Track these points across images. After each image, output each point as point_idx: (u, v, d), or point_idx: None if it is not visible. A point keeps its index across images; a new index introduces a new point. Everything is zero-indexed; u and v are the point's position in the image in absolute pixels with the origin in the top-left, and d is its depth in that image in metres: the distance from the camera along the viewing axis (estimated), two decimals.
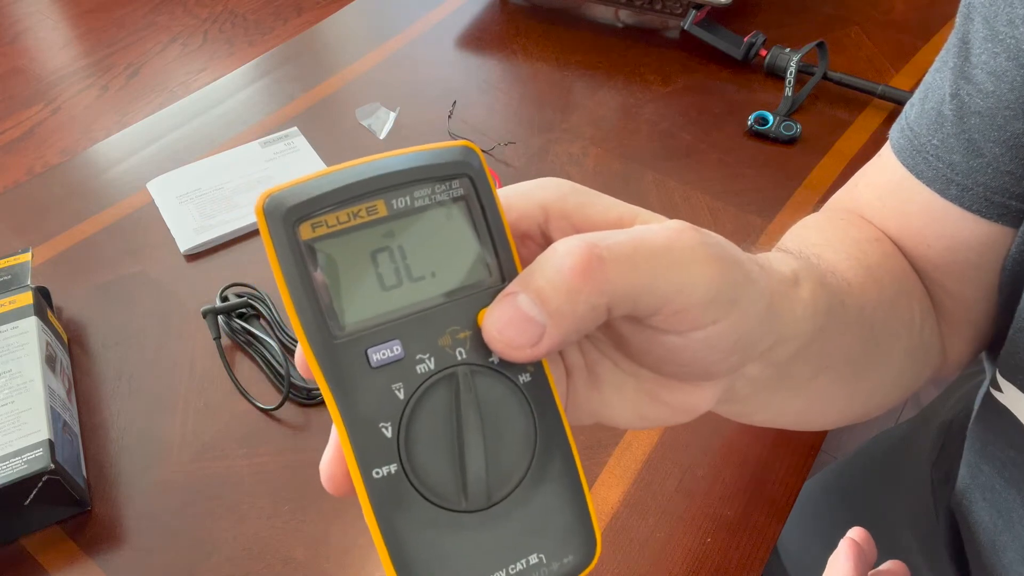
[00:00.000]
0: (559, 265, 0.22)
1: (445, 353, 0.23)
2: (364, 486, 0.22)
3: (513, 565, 0.23)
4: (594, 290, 0.22)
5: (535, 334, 0.22)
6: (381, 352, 0.23)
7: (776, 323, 0.27)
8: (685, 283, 0.23)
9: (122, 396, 0.62)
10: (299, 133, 0.83)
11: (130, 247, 0.73)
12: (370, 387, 0.22)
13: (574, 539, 0.24)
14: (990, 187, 0.39)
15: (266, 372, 0.63)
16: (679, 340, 0.25)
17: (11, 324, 0.59)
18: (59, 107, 1.79)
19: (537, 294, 0.22)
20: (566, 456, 0.24)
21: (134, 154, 0.83)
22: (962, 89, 0.39)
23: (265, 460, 0.58)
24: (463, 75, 0.92)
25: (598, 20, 0.99)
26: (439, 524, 0.23)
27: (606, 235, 0.23)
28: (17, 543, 0.54)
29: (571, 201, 0.26)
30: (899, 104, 0.84)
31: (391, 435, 0.22)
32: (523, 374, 0.24)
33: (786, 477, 0.57)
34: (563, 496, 0.24)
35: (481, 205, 0.24)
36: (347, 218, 0.22)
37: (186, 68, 1.88)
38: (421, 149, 0.24)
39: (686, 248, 0.23)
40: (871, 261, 0.40)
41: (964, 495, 0.49)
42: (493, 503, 0.23)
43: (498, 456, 0.23)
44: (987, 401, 0.42)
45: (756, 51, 0.88)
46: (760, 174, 0.79)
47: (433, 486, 0.23)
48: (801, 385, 0.33)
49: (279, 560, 0.53)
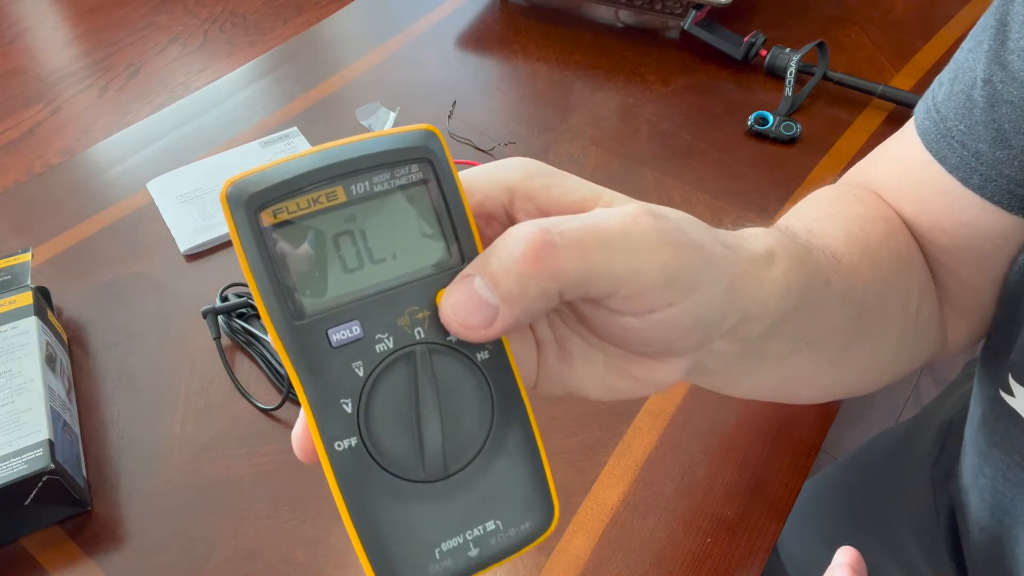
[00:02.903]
0: (512, 250, 0.23)
1: (404, 332, 0.24)
2: (327, 457, 0.24)
3: (471, 531, 0.24)
4: (545, 275, 0.23)
5: (488, 316, 0.23)
6: (340, 333, 0.24)
7: (740, 302, 0.28)
8: (639, 268, 0.24)
9: (122, 396, 0.62)
10: (299, 133, 0.83)
11: (130, 247, 0.73)
12: (331, 366, 0.24)
13: (531, 507, 0.25)
14: (1014, 180, 0.38)
15: (266, 372, 0.63)
16: (636, 321, 0.25)
17: (11, 324, 0.59)
18: (59, 107, 1.78)
19: (491, 278, 0.23)
20: (524, 429, 0.26)
21: (134, 154, 0.83)
22: (995, 75, 0.38)
23: (265, 460, 0.58)
24: (463, 75, 0.92)
25: (598, 20, 0.99)
26: (398, 493, 0.24)
27: (560, 221, 0.24)
28: (17, 543, 0.54)
29: (536, 182, 0.26)
30: (899, 104, 0.84)
31: (351, 410, 0.24)
32: (481, 352, 0.25)
33: (786, 477, 0.57)
34: (521, 467, 0.25)
35: (441, 188, 0.25)
36: (307, 204, 0.23)
37: (186, 68, 1.88)
38: (383, 134, 0.24)
39: (640, 234, 0.24)
40: (871, 240, 0.39)
41: (964, 496, 0.49)
42: (451, 473, 0.24)
43: (455, 429, 0.24)
44: (996, 404, 0.41)
45: (756, 51, 0.88)
46: (760, 174, 0.79)
47: (392, 458, 0.24)
48: (779, 360, 0.34)
49: (279, 560, 0.53)
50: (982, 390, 0.44)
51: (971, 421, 0.48)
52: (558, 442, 0.58)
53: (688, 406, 0.60)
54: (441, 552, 0.24)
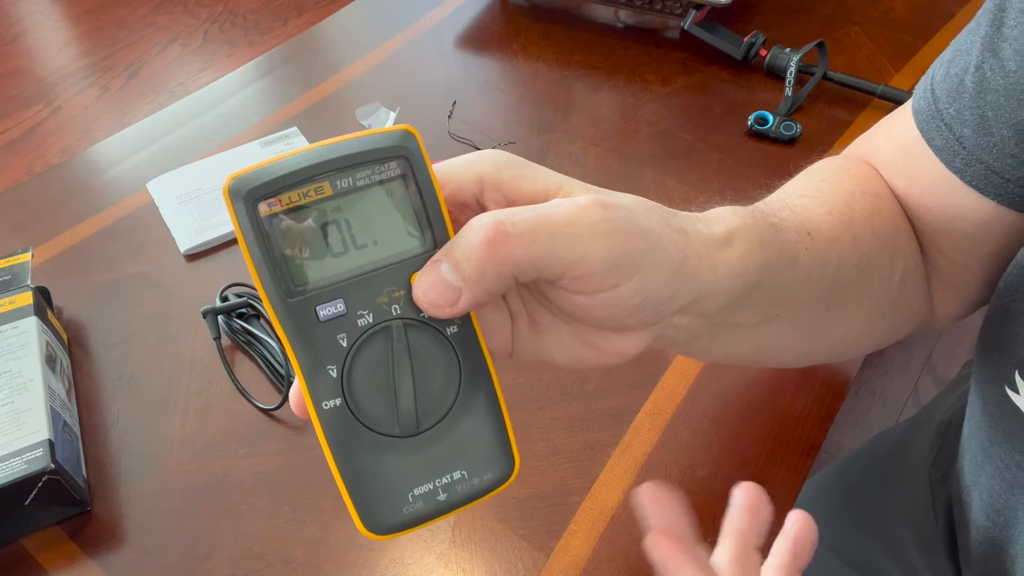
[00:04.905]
0: (471, 239, 0.26)
1: (382, 309, 0.28)
2: (316, 416, 0.28)
3: (440, 479, 0.28)
4: (499, 261, 0.26)
5: (453, 296, 0.27)
6: (327, 309, 0.27)
7: (692, 282, 0.30)
8: (584, 254, 0.27)
9: (122, 396, 0.62)
10: (299, 133, 0.83)
11: (130, 247, 0.73)
12: (319, 337, 0.27)
13: (494, 459, 0.29)
14: (993, 167, 0.39)
15: (266, 372, 0.63)
16: (586, 300, 0.28)
17: (11, 324, 0.59)
18: (59, 107, 1.78)
19: (454, 263, 0.27)
20: (489, 393, 0.29)
21: (134, 154, 0.83)
22: (987, 62, 0.38)
23: (265, 460, 0.58)
24: (463, 75, 0.92)
25: (598, 20, 1.00)
26: (377, 446, 0.28)
27: (515, 212, 0.27)
28: (17, 543, 0.54)
29: (505, 174, 0.29)
30: (899, 104, 0.83)
31: (336, 375, 0.27)
32: (451, 326, 0.29)
33: (786, 477, 0.57)
34: (485, 425, 0.29)
35: (417, 182, 0.28)
36: (299, 197, 0.27)
37: (186, 68, 1.88)
38: (366, 134, 0.27)
39: (587, 223, 0.27)
40: (855, 216, 0.40)
41: (964, 495, 0.49)
42: (422, 430, 0.28)
43: (426, 392, 0.28)
44: (1000, 401, 0.41)
45: (756, 51, 0.88)
46: (760, 174, 0.79)
47: (371, 416, 0.28)
48: (750, 330, 0.36)
49: (279, 560, 0.53)
50: (982, 387, 0.44)
51: (970, 418, 0.48)
52: (558, 442, 0.58)
53: (688, 406, 0.60)
54: (413, 496, 0.28)
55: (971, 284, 0.44)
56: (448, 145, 0.82)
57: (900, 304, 0.44)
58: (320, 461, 0.58)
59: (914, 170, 0.43)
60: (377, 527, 0.28)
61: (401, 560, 0.53)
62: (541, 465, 0.57)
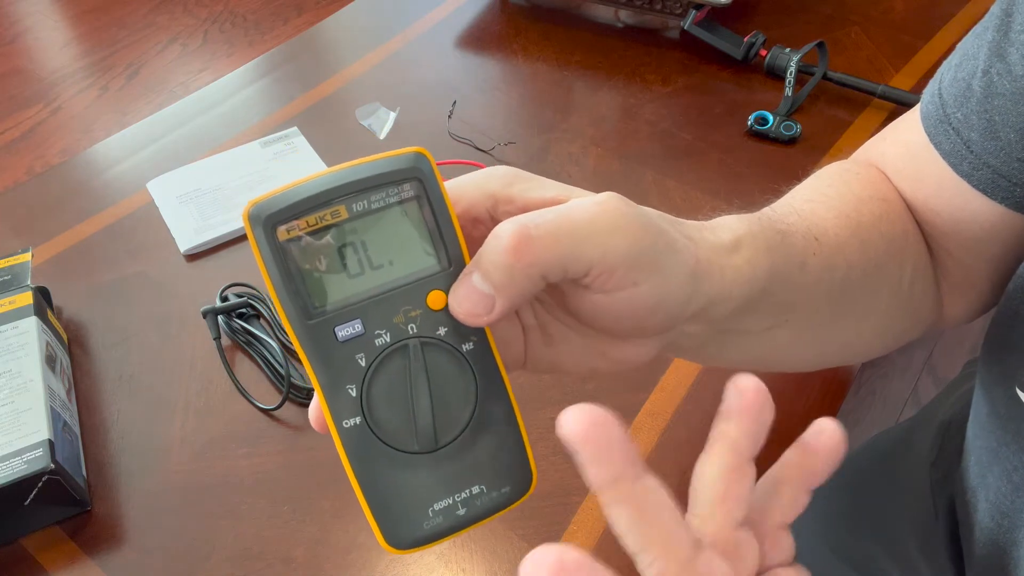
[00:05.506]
0: (496, 246, 0.27)
1: (399, 328, 0.28)
2: (337, 433, 0.28)
3: (459, 494, 0.29)
4: (526, 264, 0.26)
5: (488, 304, 0.27)
6: (345, 330, 0.28)
7: (703, 287, 0.30)
8: (608, 248, 0.27)
9: (122, 396, 0.62)
10: (299, 133, 0.83)
11: (130, 247, 0.73)
12: (338, 357, 0.28)
13: (512, 474, 0.30)
14: (999, 171, 0.39)
15: (266, 372, 0.63)
16: (606, 298, 0.28)
17: (11, 324, 0.59)
18: (59, 107, 1.78)
19: (484, 272, 0.27)
20: (506, 409, 0.30)
21: (134, 154, 0.83)
22: (993, 67, 0.38)
23: (265, 460, 0.58)
24: (463, 75, 0.92)
25: (598, 20, 0.99)
26: (397, 462, 0.28)
27: (536, 215, 0.27)
28: (17, 543, 0.54)
29: (516, 187, 0.30)
30: (899, 104, 0.84)
31: (355, 394, 0.28)
32: (466, 343, 0.29)
33: None
34: (503, 440, 0.30)
35: (430, 202, 0.28)
36: (315, 221, 0.27)
37: (186, 68, 1.88)
38: (380, 157, 0.28)
39: (609, 217, 0.27)
40: (863, 220, 0.41)
41: (969, 496, 0.49)
42: (441, 446, 0.29)
43: (444, 409, 0.29)
44: (1009, 402, 0.41)
45: (756, 51, 0.88)
46: (760, 174, 0.79)
47: (390, 433, 0.28)
48: (758, 335, 0.36)
49: (279, 560, 0.53)
50: (989, 388, 0.44)
51: (975, 420, 0.48)
52: (558, 442, 0.58)
53: (688, 407, 0.60)
54: (434, 511, 0.28)
55: (980, 286, 0.44)
56: (448, 145, 0.82)
57: (909, 307, 0.44)
58: (320, 461, 0.58)
59: (922, 174, 0.43)
60: (399, 542, 0.28)
61: (401, 560, 0.53)
62: (541, 465, 0.56)
